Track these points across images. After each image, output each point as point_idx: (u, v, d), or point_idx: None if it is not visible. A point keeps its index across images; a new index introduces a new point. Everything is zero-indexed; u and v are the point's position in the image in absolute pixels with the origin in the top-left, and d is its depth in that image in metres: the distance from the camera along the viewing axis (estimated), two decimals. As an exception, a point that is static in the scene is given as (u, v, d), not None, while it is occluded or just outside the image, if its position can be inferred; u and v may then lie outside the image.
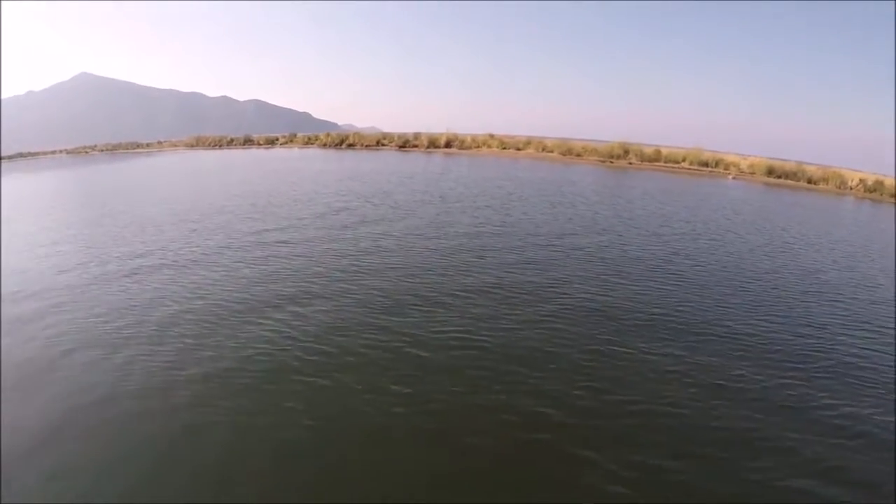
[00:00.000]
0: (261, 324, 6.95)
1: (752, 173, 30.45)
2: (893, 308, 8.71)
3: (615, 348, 6.36)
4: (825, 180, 30.17)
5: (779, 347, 6.68)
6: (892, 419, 5.11)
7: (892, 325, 7.81)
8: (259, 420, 4.86)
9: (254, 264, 9.78)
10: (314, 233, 12.33)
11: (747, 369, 5.97)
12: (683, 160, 31.04)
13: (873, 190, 29.17)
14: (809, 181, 29.99)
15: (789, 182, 29.91)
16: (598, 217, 15.18)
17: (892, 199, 28.18)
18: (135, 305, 7.81)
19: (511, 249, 10.94)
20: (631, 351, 6.31)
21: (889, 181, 29.70)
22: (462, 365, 5.85)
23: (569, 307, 7.68)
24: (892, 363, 6.46)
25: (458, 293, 8.12)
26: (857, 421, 5.06)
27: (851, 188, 29.87)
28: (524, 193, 18.97)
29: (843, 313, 8.25)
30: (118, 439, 4.72)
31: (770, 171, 30.09)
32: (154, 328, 6.93)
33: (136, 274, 9.40)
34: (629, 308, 7.73)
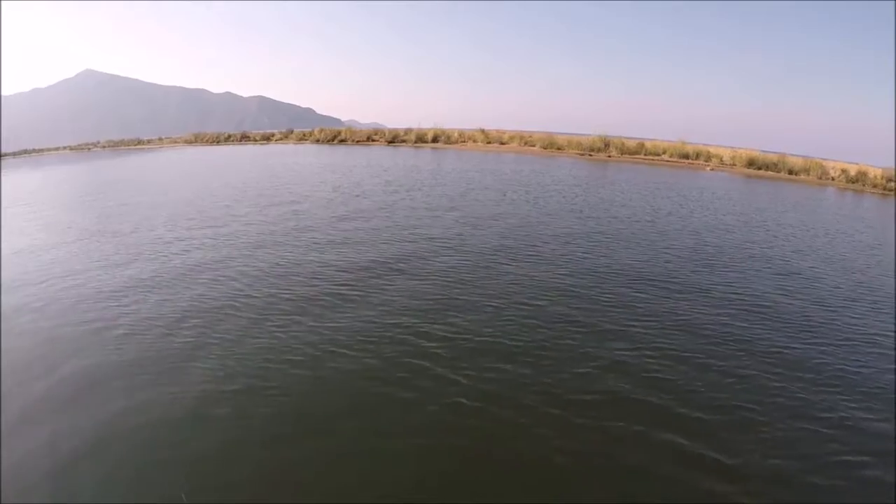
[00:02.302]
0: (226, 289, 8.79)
1: (733, 165, 31.70)
2: (810, 282, 9.74)
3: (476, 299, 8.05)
4: (806, 171, 31.20)
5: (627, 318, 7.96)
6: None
7: (789, 299, 8.75)
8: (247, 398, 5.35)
9: (221, 242, 11.63)
10: (281, 219, 14.18)
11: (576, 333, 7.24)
12: (664, 153, 32.46)
13: (855, 180, 30.10)
14: (790, 172, 31.08)
15: (769, 173, 31.07)
16: (541, 201, 16.80)
17: (875, 190, 29.16)
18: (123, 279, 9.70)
19: (445, 227, 12.68)
20: (481, 303, 7.99)
21: (873, 171, 30.57)
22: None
23: (477, 274, 9.35)
24: (761, 330, 7.38)
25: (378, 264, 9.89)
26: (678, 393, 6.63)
27: (833, 179, 30.90)
28: (487, 183, 20.64)
29: (737, 283, 9.32)
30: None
31: (751, 163, 31.30)
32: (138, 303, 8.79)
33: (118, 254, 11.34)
34: (522, 271, 9.38)
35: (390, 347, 6.36)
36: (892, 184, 29.23)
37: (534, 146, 36.23)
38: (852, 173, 30.41)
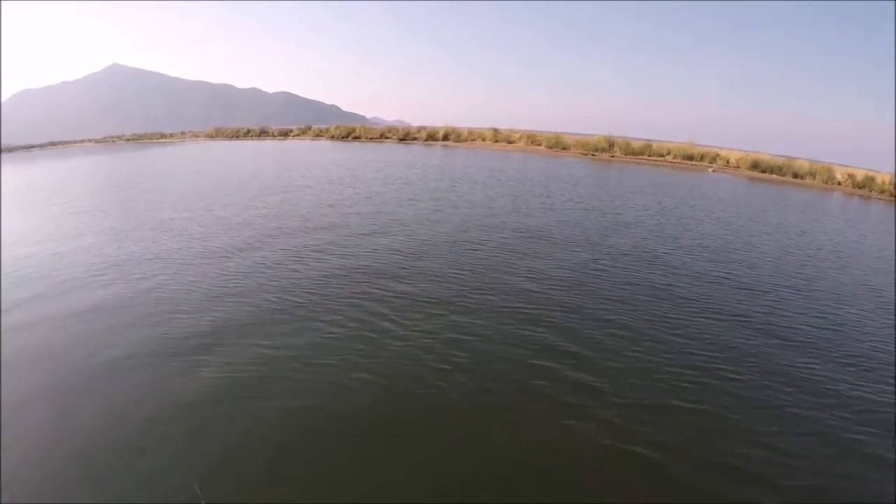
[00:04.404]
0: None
1: (737, 167, 32.73)
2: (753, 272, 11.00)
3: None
4: (812, 175, 31.92)
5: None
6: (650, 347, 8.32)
7: (703, 282, 10.12)
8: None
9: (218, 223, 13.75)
10: (271, 207, 16.32)
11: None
12: (668, 154, 33.69)
13: (862, 186, 30.58)
14: (795, 175, 31.86)
15: (774, 176, 31.95)
16: (519, 193, 18.72)
17: (882, 196, 29.60)
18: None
19: (416, 213, 14.69)
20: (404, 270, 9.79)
21: (880, 177, 30.96)
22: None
23: (422, 248, 11.29)
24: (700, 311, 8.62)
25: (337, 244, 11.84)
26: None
27: (839, 183, 31.53)
28: (478, 178, 22.60)
29: (664, 266, 10.82)
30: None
31: (755, 165, 32.28)
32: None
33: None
34: (466, 248, 11.27)
35: (338, 289, 8.43)
36: (900, 189, 29.78)
37: (540, 145, 37.95)
38: (859, 178, 30.86)
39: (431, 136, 43.47)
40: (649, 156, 34.08)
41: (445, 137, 42.87)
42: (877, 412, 5.81)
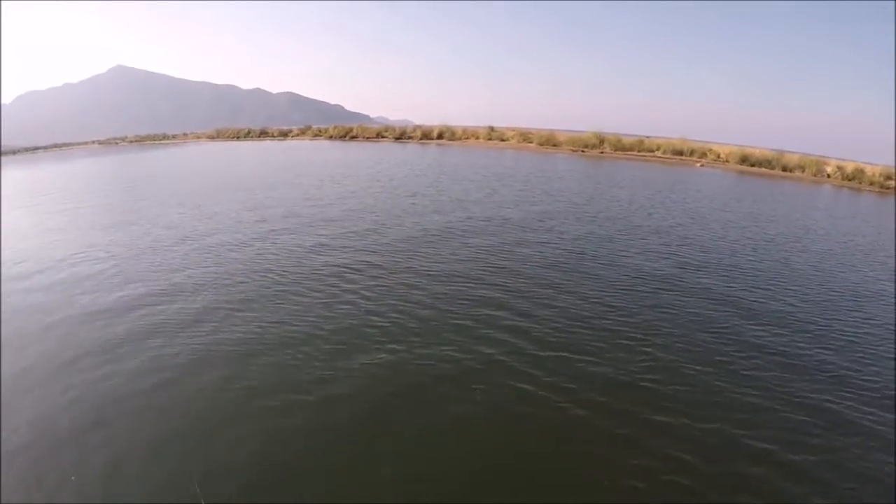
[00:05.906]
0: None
1: (726, 161, 33.54)
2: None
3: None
4: (801, 168, 32.68)
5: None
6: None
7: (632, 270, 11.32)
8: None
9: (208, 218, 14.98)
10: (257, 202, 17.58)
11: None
12: (657, 149, 34.57)
13: (852, 178, 31.28)
14: (784, 169, 32.63)
15: (763, 170, 32.71)
16: (499, 187, 19.96)
17: (872, 188, 30.28)
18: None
19: (396, 205, 15.81)
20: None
21: (870, 169, 31.63)
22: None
23: (391, 236, 12.36)
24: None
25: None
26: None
27: (829, 175, 32.23)
28: (464, 175, 23.74)
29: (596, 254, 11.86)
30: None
31: (744, 159, 33.08)
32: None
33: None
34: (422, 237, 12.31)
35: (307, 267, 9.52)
36: (892, 181, 30.43)
37: (531, 143, 39.00)
38: (849, 170, 31.53)
39: (426, 135, 44.67)
40: (639, 151, 35.02)
41: (440, 136, 44.04)
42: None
